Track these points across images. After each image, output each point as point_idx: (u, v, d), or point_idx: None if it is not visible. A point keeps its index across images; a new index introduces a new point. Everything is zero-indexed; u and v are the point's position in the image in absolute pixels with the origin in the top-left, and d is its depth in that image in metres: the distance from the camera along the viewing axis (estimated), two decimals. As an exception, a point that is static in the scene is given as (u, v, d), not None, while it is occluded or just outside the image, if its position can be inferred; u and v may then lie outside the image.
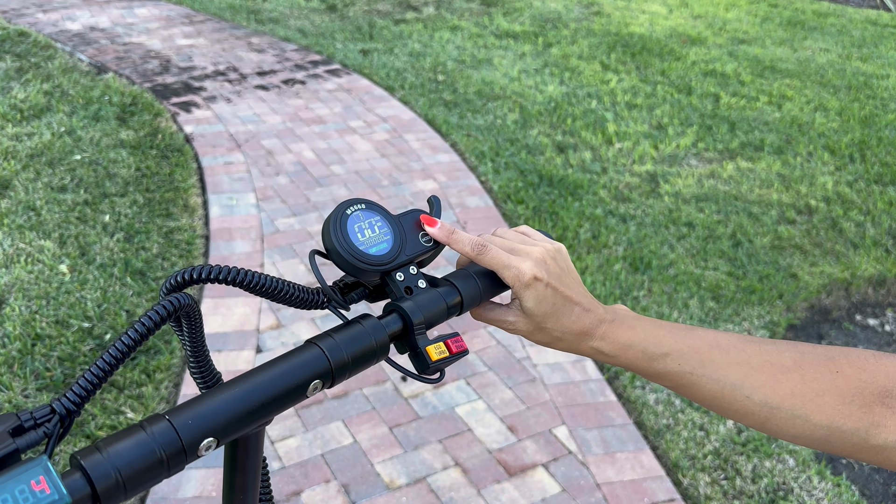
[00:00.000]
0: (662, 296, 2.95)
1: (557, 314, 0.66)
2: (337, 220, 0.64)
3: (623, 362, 0.67)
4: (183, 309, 0.56)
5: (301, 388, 0.56)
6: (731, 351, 0.64)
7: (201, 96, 4.50)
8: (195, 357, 0.62)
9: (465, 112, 4.51)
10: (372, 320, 0.62)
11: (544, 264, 0.66)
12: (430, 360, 0.63)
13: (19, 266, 2.79)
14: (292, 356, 0.57)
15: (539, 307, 0.65)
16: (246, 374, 0.55)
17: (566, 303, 0.66)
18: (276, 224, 3.24)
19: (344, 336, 0.60)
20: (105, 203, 3.26)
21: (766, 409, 0.63)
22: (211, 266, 0.58)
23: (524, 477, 2.15)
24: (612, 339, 0.67)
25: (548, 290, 0.65)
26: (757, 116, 4.78)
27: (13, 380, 2.32)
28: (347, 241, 0.64)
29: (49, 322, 2.55)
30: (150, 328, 0.53)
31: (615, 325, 0.67)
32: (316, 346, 0.58)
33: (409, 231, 0.68)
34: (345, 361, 0.59)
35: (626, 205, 3.60)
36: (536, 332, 0.68)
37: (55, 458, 2.10)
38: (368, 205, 0.67)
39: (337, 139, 4.08)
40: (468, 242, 0.67)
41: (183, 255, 2.99)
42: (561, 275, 0.67)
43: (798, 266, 3.26)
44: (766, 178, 4.00)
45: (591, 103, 4.75)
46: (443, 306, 0.66)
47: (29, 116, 3.97)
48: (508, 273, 0.66)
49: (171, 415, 0.50)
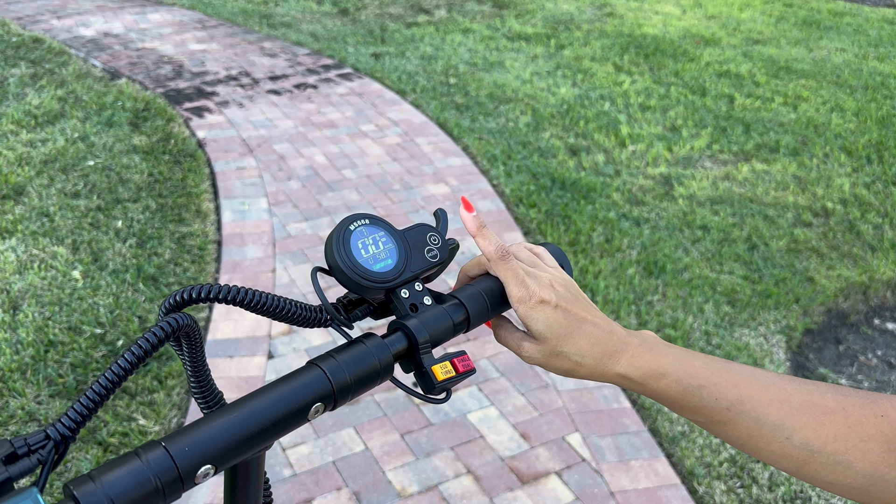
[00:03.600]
0: (677, 300, 2.92)
1: (573, 335, 0.62)
2: (340, 236, 0.63)
3: (653, 391, 0.62)
4: (182, 330, 0.55)
5: (302, 412, 0.54)
6: (770, 388, 0.60)
7: (214, 101, 4.51)
8: (196, 378, 0.61)
9: (477, 115, 4.49)
10: (375, 339, 0.61)
11: (552, 288, 0.64)
12: (436, 379, 0.61)
13: (32, 272, 2.80)
14: (292, 379, 0.56)
15: (550, 329, 0.62)
16: (244, 399, 0.54)
17: (581, 322, 0.63)
18: (288, 229, 3.24)
19: (346, 356, 0.58)
20: (118, 209, 3.27)
21: (806, 452, 0.58)
22: (210, 285, 0.57)
23: (537, 485, 2.13)
24: (640, 365, 0.62)
25: (557, 311, 0.63)
26: (772, 118, 4.73)
27: (26, 386, 2.33)
28: (350, 257, 0.62)
29: (62, 328, 2.56)
30: (147, 350, 0.52)
31: (643, 349, 0.63)
32: (317, 368, 0.57)
33: (415, 246, 0.67)
34: (347, 383, 0.57)
35: (640, 208, 3.57)
36: (553, 358, 0.64)
37: (54, 482, 2.10)
38: (372, 220, 0.65)
39: (349, 143, 4.07)
40: (494, 244, 0.65)
41: (195, 261, 2.99)
42: (572, 299, 0.64)
43: (815, 269, 3.22)
44: (782, 180, 3.95)
45: (604, 105, 4.72)
46: (449, 324, 0.64)
47: (43, 122, 3.99)
48: (516, 291, 0.63)
49: (168, 441, 0.49)
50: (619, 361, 0.63)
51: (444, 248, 0.68)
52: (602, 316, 0.66)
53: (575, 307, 0.64)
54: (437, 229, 0.69)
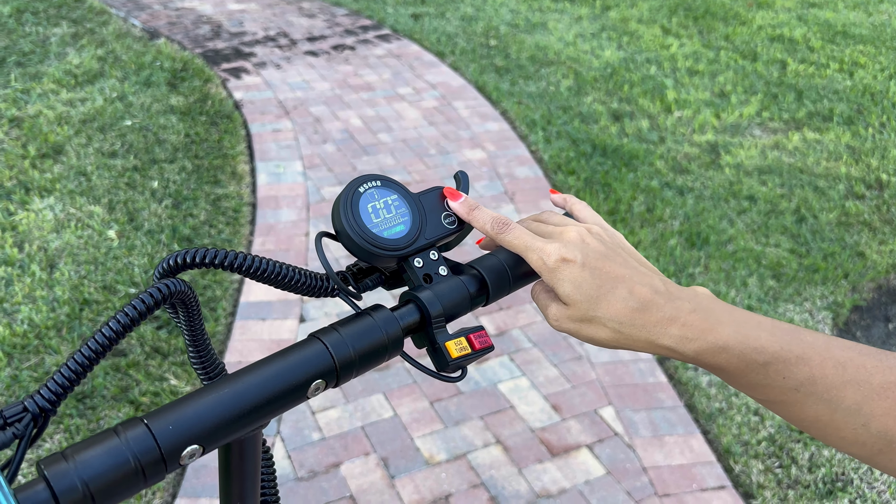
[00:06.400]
0: (720, 273, 2.82)
1: (607, 297, 0.54)
2: (348, 198, 0.58)
3: (709, 365, 0.54)
4: (174, 296, 0.51)
5: (300, 390, 0.50)
6: (847, 366, 0.52)
7: (251, 62, 4.47)
8: (195, 347, 0.57)
9: (517, 78, 4.38)
10: (384, 312, 0.56)
11: (579, 244, 0.56)
12: (450, 356, 0.56)
13: (69, 231, 2.82)
14: (291, 353, 0.51)
15: (578, 291, 0.55)
16: (238, 373, 0.50)
17: (617, 282, 0.55)
18: (322, 193, 3.21)
19: (351, 330, 0.53)
20: (154, 169, 3.28)
21: (884, 441, 0.51)
22: (206, 249, 0.52)
23: (567, 458, 2.08)
24: (694, 337, 0.53)
25: (585, 270, 0.55)
26: (826, 84, 4.52)
27: (61, 343, 2.35)
28: (359, 222, 0.57)
29: (97, 287, 2.58)
30: (134, 318, 0.47)
31: (698, 316, 0.53)
32: (318, 342, 0.52)
33: (430, 211, 0.61)
34: (351, 359, 0.52)
35: (684, 176, 3.45)
36: (585, 325, 0.56)
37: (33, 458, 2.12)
38: (384, 181, 0.60)
39: (385, 106, 4.01)
40: (489, 220, 0.60)
41: (230, 223, 2.98)
42: (607, 252, 0.56)
43: (866, 244, 3.08)
44: (835, 150, 3.79)
45: (649, 69, 4.57)
46: (466, 296, 0.59)
47: (83, 82, 4.00)
48: (532, 256, 0.57)
49: (150, 419, 0.45)
50: (666, 331, 0.53)
51: None
52: (647, 273, 0.57)
53: (609, 264, 0.55)
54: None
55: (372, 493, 1.96)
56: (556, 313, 0.57)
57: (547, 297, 0.59)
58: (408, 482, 1.99)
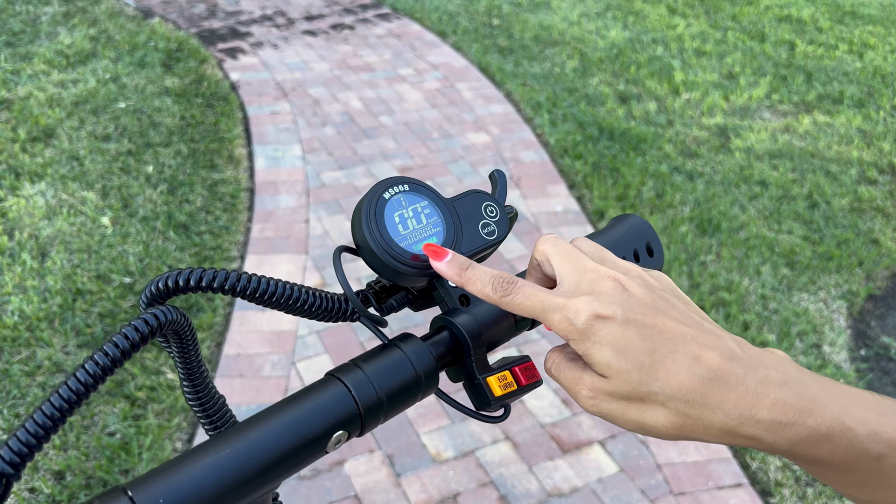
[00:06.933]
0: (732, 261, 2.74)
1: (664, 364, 0.40)
2: (371, 206, 0.49)
3: (806, 458, 0.41)
4: (165, 328, 0.42)
5: (318, 444, 0.42)
6: None
7: (248, 42, 4.36)
8: (191, 384, 0.48)
9: (521, 59, 4.27)
10: (414, 343, 0.47)
11: (617, 294, 0.42)
12: (493, 395, 0.48)
13: (61, 217, 2.73)
14: (305, 399, 0.43)
15: (623, 357, 0.41)
16: (243, 426, 0.41)
17: (676, 343, 0.41)
18: (322, 178, 3.12)
19: (376, 367, 0.45)
20: (149, 153, 3.18)
21: None
22: (201, 270, 0.44)
23: (579, 454, 2.02)
24: (791, 420, 0.40)
25: (629, 328, 0.41)
26: (836, 66, 4.42)
27: (54, 336, 2.27)
28: (384, 234, 0.49)
29: (90, 276, 2.49)
30: (115, 358, 0.39)
31: (791, 390, 0.40)
32: (338, 383, 0.44)
33: (467, 220, 0.53)
34: (377, 402, 0.44)
35: (694, 161, 3.37)
36: (636, 406, 0.42)
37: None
38: (413, 185, 0.51)
39: (386, 88, 3.91)
40: (488, 281, 0.46)
41: (227, 209, 2.89)
42: (657, 303, 0.43)
43: (880, 231, 3.01)
44: (846, 133, 3.70)
45: (656, 50, 4.46)
46: (509, 320, 0.51)
47: (74, 62, 3.89)
48: (554, 318, 0.43)
49: (134, 489, 0.36)
50: (751, 414, 0.40)
51: (503, 221, 0.54)
52: (714, 330, 0.43)
53: (662, 318, 0.42)
54: (494, 197, 0.55)
55: (377, 492, 1.89)
56: (592, 388, 0.42)
57: (574, 366, 0.44)
58: (414, 480, 1.92)
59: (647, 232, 0.59)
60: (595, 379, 0.42)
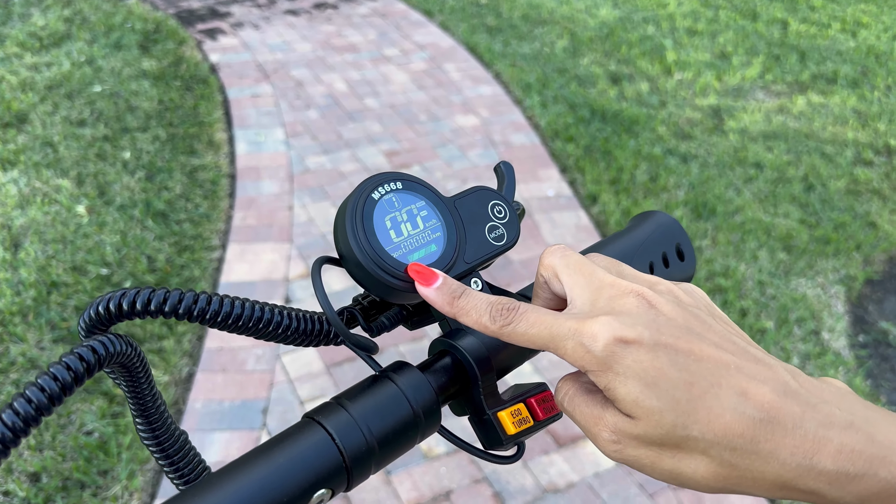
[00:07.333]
0: (728, 246, 2.68)
1: (705, 401, 0.33)
2: (357, 209, 0.41)
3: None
4: (108, 362, 0.34)
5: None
6: None
7: (228, 22, 4.23)
8: (147, 425, 0.40)
9: (510, 39, 4.17)
10: (410, 373, 0.40)
11: (643, 312, 0.35)
12: (506, 433, 0.41)
13: (35, 206, 2.63)
14: (279, 450, 0.35)
15: (654, 392, 0.33)
16: (204, 485, 0.33)
17: (718, 373, 0.33)
18: (306, 163, 3.02)
19: (365, 406, 0.37)
20: (125, 138, 3.06)
21: None
22: (150, 290, 0.35)
23: (575, 448, 1.95)
24: (860, 471, 0.32)
25: (660, 355, 0.33)
26: (829, 45, 4.36)
27: (28, 331, 2.17)
28: (373, 242, 0.40)
29: (66, 268, 2.39)
30: (41, 406, 0.31)
31: (858, 433, 0.33)
32: (319, 428, 0.36)
33: (471, 223, 0.45)
34: (367, 449, 0.36)
35: (688, 143, 3.29)
36: (669, 454, 0.34)
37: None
38: (406, 183, 0.43)
39: (371, 69, 3.80)
40: (485, 309, 0.38)
41: (207, 196, 2.79)
42: (691, 322, 0.35)
43: (877, 213, 2.95)
44: (841, 113, 3.64)
45: (647, 29, 4.37)
46: None
47: (48, 45, 3.75)
48: (567, 346, 0.35)
49: None
50: (812, 463, 0.32)
51: (512, 222, 0.46)
52: (762, 356, 0.35)
53: (698, 343, 0.34)
54: (502, 194, 0.47)
55: (367, 492, 1.82)
56: (615, 431, 0.35)
57: (592, 401, 0.36)
58: (405, 478, 1.85)
59: (675, 231, 0.51)
60: (619, 419, 0.35)
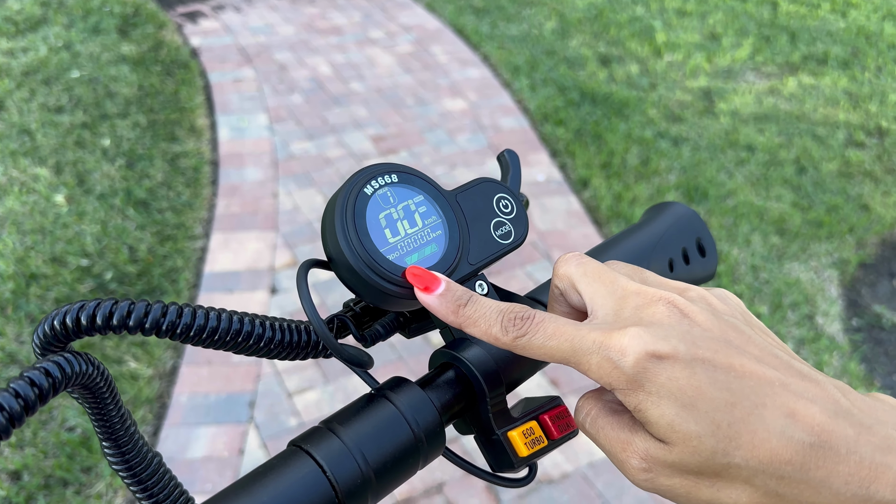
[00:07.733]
0: (721, 230, 2.65)
1: (748, 423, 0.29)
2: (348, 205, 0.36)
3: None
4: (68, 384, 0.30)
5: None
6: None
7: (209, 5, 4.13)
8: (118, 452, 0.35)
9: (498, 20, 4.10)
10: (410, 391, 0.35)
11: (676, 323, 0.31)
12: (517, 455, 0.36)
13: (12, 196, 2.55)
14: (263, 485, 0.30)
15: (691, 415, 0.29)
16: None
17: (761, 392, 0.29)
18: (291, 148, 2.95)
19: (359, 430, 0.33)
20: (105, 125, 2.99)
21: None
22: (112, 302, 0.30)
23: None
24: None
25: (697, 371, 0.29)
26: (819, 26, 4.32)
27: (6, 324, 2.11)
28: (366, 243, 0.36)
29: (45, 259, 2.32)
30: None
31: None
32: (306, 458, 0.31)
33: (475, 219, 0.40)
34: (363, 480, 0.32)
35: (679, 125, 3.25)
36: (708, 483, 0.30)
37: None
38: (402, 175, 0.38)
39: (356, 52, 3.73)
40: (495, 319, 0.33)
41: (189, 184, 2.73)
42: (728, 334, 0.31)
43: (869, 195, 2.93)
44: (832, 95, 3.61)
45: (636, 10, 4.31)
46: None
47: (24, 29, 3.65)
48: (591, 361, 0.31)
49: None
50: (868, 493, 0.29)
51: (520, 218, 0.41)
52: (808, 372, 0.31)
53: (740, 357, 0.30)
54: (507, 186, 0.42)
55: (358, 486, 1.78)
56: (647, 458, 0.31)
57: (618, 424, 0.32)
58: (397, 471, 1.81)
59: (695, 224, 0.46)
60: (651, 444, 0.31)
